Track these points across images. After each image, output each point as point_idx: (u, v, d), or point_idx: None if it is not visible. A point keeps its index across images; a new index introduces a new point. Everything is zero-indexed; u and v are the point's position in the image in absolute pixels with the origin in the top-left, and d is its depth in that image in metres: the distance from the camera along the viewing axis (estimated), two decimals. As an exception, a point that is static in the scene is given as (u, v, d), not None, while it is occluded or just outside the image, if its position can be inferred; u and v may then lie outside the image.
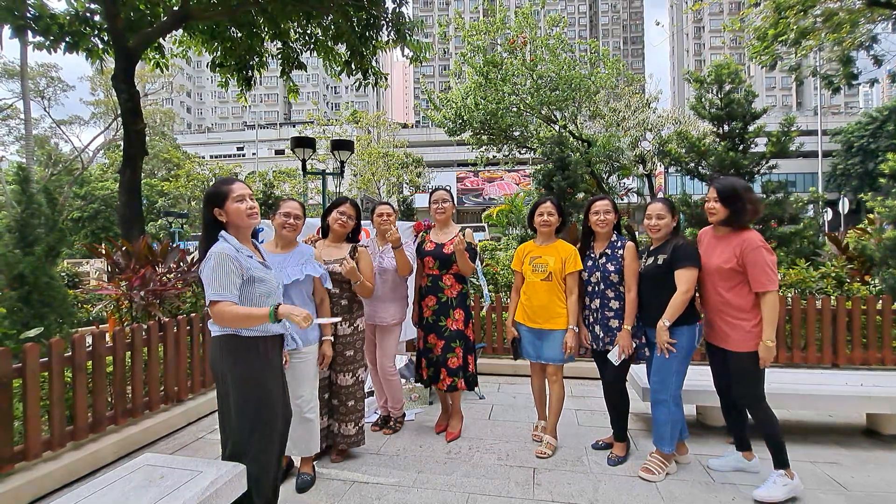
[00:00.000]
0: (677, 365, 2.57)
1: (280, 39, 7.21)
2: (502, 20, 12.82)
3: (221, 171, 30.48)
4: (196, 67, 57.76)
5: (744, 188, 2.40)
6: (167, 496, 1.72)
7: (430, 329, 3.10)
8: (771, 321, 2.30)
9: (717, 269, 2.44)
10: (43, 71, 24.38)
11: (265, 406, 1.96)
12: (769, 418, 2.39)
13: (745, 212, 2.38)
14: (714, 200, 2.45)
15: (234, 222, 1.92)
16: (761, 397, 2.41)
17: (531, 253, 2.95)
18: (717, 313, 2.49)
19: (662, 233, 2.64)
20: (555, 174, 7.31)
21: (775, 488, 2.33)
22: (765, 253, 2.32)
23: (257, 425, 1.95)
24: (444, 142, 26.09)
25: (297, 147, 9.50)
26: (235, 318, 1.81)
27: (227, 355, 1.92)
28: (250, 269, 1.89)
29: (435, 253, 3.06)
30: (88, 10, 6.27)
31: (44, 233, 3.54)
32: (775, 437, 2.37)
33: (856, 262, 5.57)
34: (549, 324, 2.83)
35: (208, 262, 1.82)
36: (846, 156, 32.22)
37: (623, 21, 78.40)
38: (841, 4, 8.36)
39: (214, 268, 1.81)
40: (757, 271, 2.31)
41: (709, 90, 5.86)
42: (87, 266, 12.05)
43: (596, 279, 2.78)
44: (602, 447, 2.96)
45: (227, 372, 1.92)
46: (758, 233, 2.40)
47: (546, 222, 2.89)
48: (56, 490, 2.51)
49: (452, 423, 3.22)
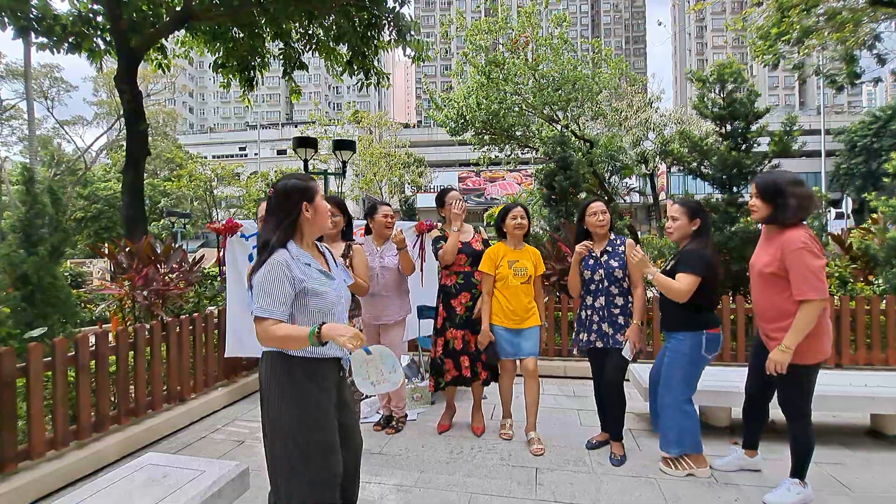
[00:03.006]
0: (680, 372, 2.52)
1: (282, 40, 7.22)
2: (504, 19, 12.80)
3: (224, 172, 30.54)
4: (198, 68, 57.88)
5: (788, 182, 2.17)
6: (170, 495, 1.73)
7: (466, 326, 3.11)
8: (798, 330, 2.08)
9: (760, 273, 2.26)
10: (46, 71, 24.50)
11: (316, 446, 1.59)
12: (807, 436, 2.26)
13: (788, 207, 2.13)
14: (755, 196, 2.25)
15: (319, 223, 1.70)
16: (805, 413, 2.26)
17: (507, 256, 2.99)
18: (761, 318, 2.33)
19: (676, 235, 2.57)
20: (557, 174, 7.30)
21: (788, 495, 2.28)
22: (806, 255, 2.05)
23: (301, 469, 1.58)
24: (446, 141, 26.07)
25: (299, 147, 9.51)
26: (277, 340, 1.55)
27: (273, 378, 1.63)
28: (304, 281, 1.60)
29: (466, 251, 3.11)
30: (91, 11, 6.29)
31: (48, 233, 3.56)
32: (804, 455, 2.28)
33: (859, 261, 5.54)
34: (527, 322, 2.97)
35: (262, 270, 1.56)
36: (849, 155, 32.06)
37: (625, 20, 78.23)
38: (844, 3, 8.32)
39: (265, 278, 1.55)
40: (796, 276, 2.07)
41: (711, 89, 5.83)
42: (90, 266, 12.09)
43: (599, 276, 2.79)
44: (597, 445, 2.96)
45: (273, 397, 1.62)
46: (806, 231, 2.12)
47: (520, 225, 3.00)
48: (59, 489, 2.52)
49: (478, 418, 3.28)
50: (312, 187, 1.68)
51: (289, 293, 1.57)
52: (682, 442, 2.55)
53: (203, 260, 5.01)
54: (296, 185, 1.66)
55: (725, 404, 3.13)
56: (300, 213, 1.64)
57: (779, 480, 2.39)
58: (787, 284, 2.14)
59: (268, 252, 1.58)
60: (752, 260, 2.39)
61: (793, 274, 2.09)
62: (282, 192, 1.65)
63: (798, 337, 2.10)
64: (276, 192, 1.67)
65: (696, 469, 2.58)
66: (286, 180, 1.69)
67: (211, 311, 4.05)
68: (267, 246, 1.60)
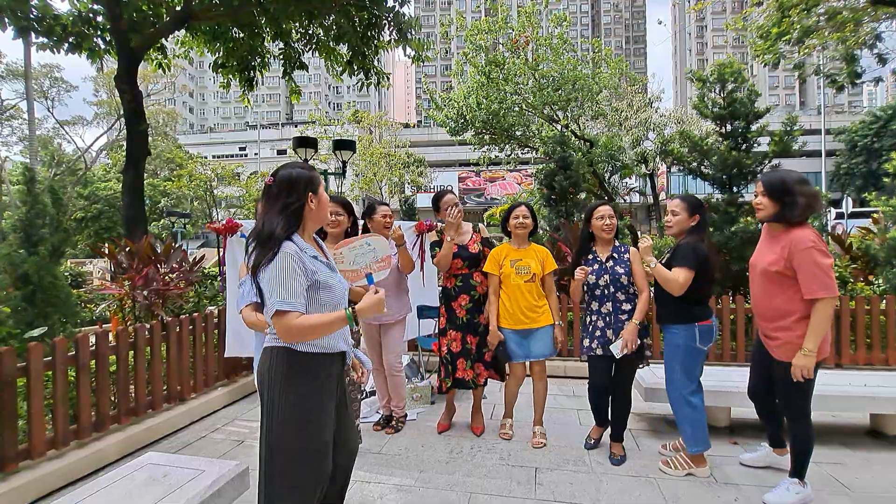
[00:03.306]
0: (678, 365, 2.56)
1: (282, 40, 7.23)
2: (504, 19, 12.80)
3: (224, 172, 30.53)
4: (198, 68, 57.92)
5: (795, 180, 2.17)
6: (170, 495, 1.73)
7: (466, 328, 3.11)
8: (816, 331, 2.07)
9: (764, 272, 2.24)
10: (46, 71, 24.50)
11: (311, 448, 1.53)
12: (806, 435, 2.26)
13: (796, 206, 2.12)
14: (761, 195, 2.23)
15: (321, 215, 1.63)
16: (806, 413, 2.25)
17: (510, 256, 3.00)
18: (762, 318, 2.32)
19: (675, 230, 2.60)
20: (557, 174, 7.29)
21: (787, 495, 2.28)
22: (815, 254, 2.06)
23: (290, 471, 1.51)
24: (446, 141, 26.07)
25: (299, 147, 9.54)
26: (310, 330, 1.46)
27: (277, 374, 1.53)
28: (315, 273, 1.53)
29: (462, 255, 3.10)
30: (91, 11, 6.29)
31: (48, 233, 3.56)
32: (804, 454, 2.29)
33: (859, 261, 5.54)
34: (535, 322, 2.94)
35: (274, 262, 1.46)
36: (850, 155, 32.03)
37: (625, 20, 78.20)
38: (845, 3, 8.32)
39: (280, 270, 1.45)
40: (805, 275, 2.06)
41: (711, 89, 5.82)
42: (90, 266, 12.09)
43: (605, 282, 2.76)
44: (595, 444, 2.95)
45: (274, 394, 1.53)
46: (812, 230, 2.13)
47: (522, 224, 2.98)
48: (60, 488, 2.52)
49: (478, 418, 3.29)
50: (316, 177, 1.60)
51: (304, 285, 1.50)
52: (698, 438, 2.55)
53: (203, 260, 5.02)
54: (301, 175, 1.56)
55: (725, 404, 3.13)
56: (305, 203, 1.55)
57: (779, 480, 2.39)
58: (791, 283, 2.13)
59: (274, 243, 1.47)
60: (753, 259, 2.38)
61: (803, 273, 2.08)
62: (286, 181, 1.54)
63: (818, 338, 2.08)
64: (278, 180, 1.55)
65: (695, 469, 2.58)
66: (289, 168, 1.58)
67: (211, 311, 4.05)
68: (270, 237, 1.48)
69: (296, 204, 1.53)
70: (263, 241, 1.49)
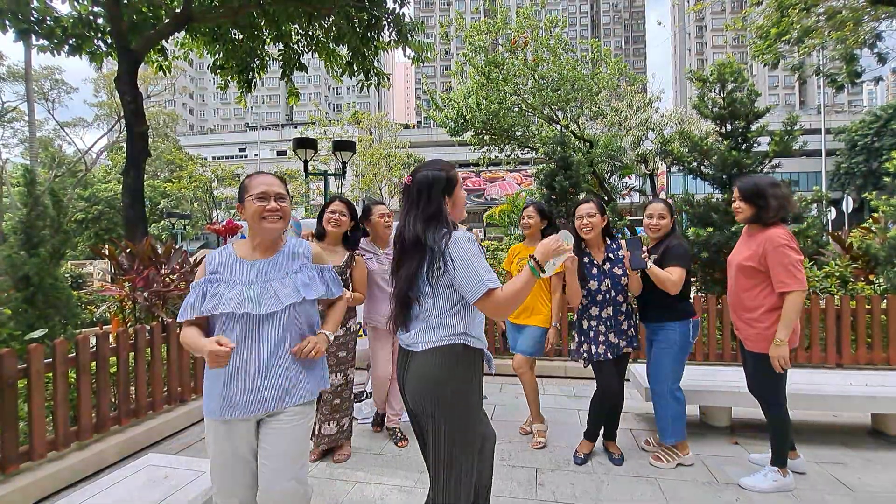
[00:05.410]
0: (671, 361, 2.62)
1: (281, 41, 7.24)
2: (503, 20, 12.81)
3: (224, 173, 30.57)
4: (198, 69, 58.02)
5: (768, 184, 2.36)
6: (170, 496, 1.73)
7: None
8: (787, 321, 2.24)
9: (739, 266, 2.42)
10: (47, 73, 24.55)
11: (472, 440, 1.58)
12: (781, 424, 2.39)
13: (769, 208, 2.32)
14: (738, 199, 2.43)
15: (456, 217, 1.63)
16: (781, 403, 2.39)
17: (521, 254, 3.15)
18: (735, 311, 2.48)
19: (662, 233, 2.74)
20: (557, 174, 7.30)
21: (764, 481, 2.39)
22: (788, 251, 2.25)
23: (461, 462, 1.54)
24: (446, 142, 26.04)
25: (298, 148, 9.53)
26: (514, 297, 1.44)
27: (457, 370, 1.52)
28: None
29: None
30: (92, 14, 6.31)
31: (49, 234, 3.56)
32: (782, 439, 2.39)
33: (860, 261, 5.54)
34: (528, 320, 3.03)
35: (463, 246, 1.46)
36: (850, 154, 32.02)
37: (625, 20, 78.27)
38: (844, 2, 8.32)
39: (473, 253, 1.46)
40: (779, 270, 2.25)
41: (711, 89, 5.82)
42: (91, 267, 12.10)
43: (606, 287, 2.70)
44: (584, 460, 2.79)
45: (452, 390, 1.51)
46: (785, 229, 2.33)
47: (526, 224, 3.09)
48: (61, 490, 2.52)
49: None
50: (453, 178, 1.61)
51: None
52: (678, 429, 2.66)
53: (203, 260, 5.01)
54: (438, 178, 1.57)
55: (725, 404, 3.13)
56: (442, 205, 1.57)
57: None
58: (763, 277, 2.33)
59: (447, 233, 1.50)
60: (730, 257, 2.56)
61: (775, 268, 2.26)
62: (432, 183, 1.57)
63: (788, 329, 2.24)
64: (416, 182, 1.58)
65: (682, 456, 2.68)
66: (427, 170, 1.60)
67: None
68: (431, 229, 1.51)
69: (437, 204, 1.55)
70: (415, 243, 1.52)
